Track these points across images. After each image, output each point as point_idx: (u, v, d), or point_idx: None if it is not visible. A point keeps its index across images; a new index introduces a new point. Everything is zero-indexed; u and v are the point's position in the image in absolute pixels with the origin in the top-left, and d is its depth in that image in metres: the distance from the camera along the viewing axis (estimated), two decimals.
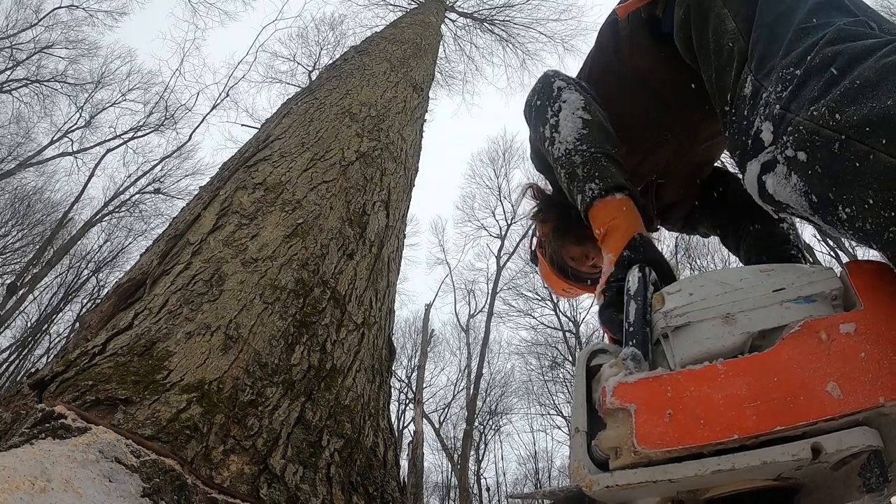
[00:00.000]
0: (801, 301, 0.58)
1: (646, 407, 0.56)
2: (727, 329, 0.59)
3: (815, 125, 0.59)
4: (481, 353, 15.71)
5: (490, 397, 19.42)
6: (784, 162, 0.64)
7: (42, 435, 0.77)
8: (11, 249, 14.85)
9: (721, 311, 0.61)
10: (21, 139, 15.11)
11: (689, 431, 0.52)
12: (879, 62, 0.57)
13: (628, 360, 0.63)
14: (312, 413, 1.15)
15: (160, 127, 16.33)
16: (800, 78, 0.64)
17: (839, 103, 0.58)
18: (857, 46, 0.61)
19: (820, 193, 0.60)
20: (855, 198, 0.55)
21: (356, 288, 1.61)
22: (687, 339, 0.61)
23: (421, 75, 3.80)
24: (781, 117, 0.65)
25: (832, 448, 0.49)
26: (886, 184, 0.52)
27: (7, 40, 14.13)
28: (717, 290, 0.63)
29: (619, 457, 0.57)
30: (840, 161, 0.56)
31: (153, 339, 1.09)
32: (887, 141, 0.52)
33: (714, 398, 0.53)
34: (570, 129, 1.00)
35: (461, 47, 12.00)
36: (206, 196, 1.75)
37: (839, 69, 0.60)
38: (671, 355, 0.62)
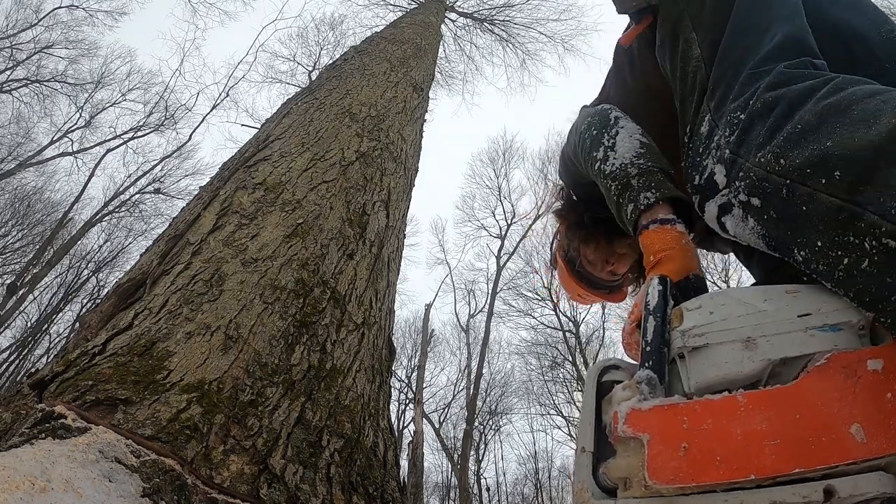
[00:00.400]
0: (827, 329, 0.55)
1: (660, 438, 0.53)
2: (747, 354, 0.56)
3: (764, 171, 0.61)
4: (481, 353, 15.71)
5: (490, 397, 19.43)
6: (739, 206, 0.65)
7: (42, 435, 0.77)
8: (11, 249, 14.85)
9: (742, 333, 0.57)
10: (21, 139, 15.11)
11: (703, 468, 0.50)
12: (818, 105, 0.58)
13: (643, 385, 0.59)
14: (312, 413, 1.15)
15: (160, 127, 16.34)
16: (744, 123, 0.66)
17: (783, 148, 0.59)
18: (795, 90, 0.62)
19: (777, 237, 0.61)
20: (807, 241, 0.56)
21: (356, 288, 1.61)
22: (704, 362, 0.58)
23: (421, 75, 3.80)
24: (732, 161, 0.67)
25: (846, 492, 0.46)
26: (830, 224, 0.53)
27: (7, 40, 14.13)
28: (740, 310, 0.59)
29: (629, 488, 0.54)
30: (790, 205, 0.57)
31: (153, 339, 1.09)
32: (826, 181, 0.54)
33: (732, 433, 0.50)
34: (628, 148, 0.99)
35: (461, 47, 12.00)
36: (206, 196, 1.75)
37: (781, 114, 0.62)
38: (686, 378, 0.59)
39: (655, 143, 1.06)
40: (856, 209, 0.51)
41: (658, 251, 0.84)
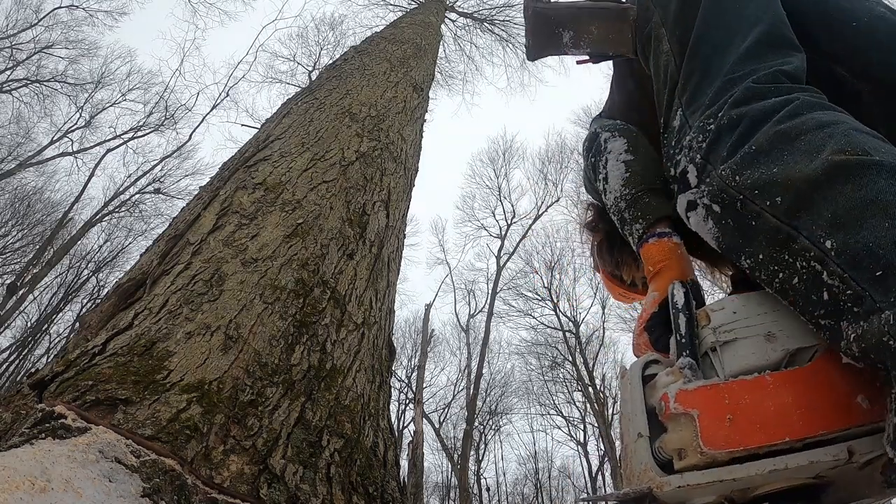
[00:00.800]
0: None
1: (708, 412, 0.62)
2: (770, 346, 0.66)
3: (724, 183, 0.68)
4: (481, 353, 15.72)
5: (490, 397, 19.43)
6: (703, 207, 0.72)
7: (42, 435, 0.77)
8: (11, 249, 14.85)
9: (764, 329, 0.68)
10: (21, 139, 15.11)
11: (748, 434, 0.59)
12: (772, 129, 0.64)
13: (686, 370, 0.68)
14: (312, 413, 1.15)
15: (160, 127, 16.35)
16: (713, 134, 0.72)
17: (740, 166, 0.66)
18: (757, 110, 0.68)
19: (728, 242, 0.69)
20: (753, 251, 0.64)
21: (356, 288, 1.61)
22: (735, 354, 0.67)
23: (421, 75, 3.81)
24: (702, 167, 0.73)
25: (863, 450, 0.57)
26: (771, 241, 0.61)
27: (7, 40, 14.14)
28: (759, 310, 0.69)
29: (684, 458, 0.62)
30: (742, 217, 0.65)
31: (153, 339, 1.09)
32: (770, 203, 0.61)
33: (766, 405, 0.60)
34: (616, 177, 1.04)
35: (461, 47, 12.00)
36: (206, 196, 1.75)
37: (743, 133, 0.69)
38: (720, 367, 0.68)
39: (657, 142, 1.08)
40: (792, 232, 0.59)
41: (657, 262, 0.91)
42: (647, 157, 1.06)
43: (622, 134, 1.10)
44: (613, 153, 1.07)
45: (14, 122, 14.76)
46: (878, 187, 0.53)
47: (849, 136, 0.58)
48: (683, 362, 0.69)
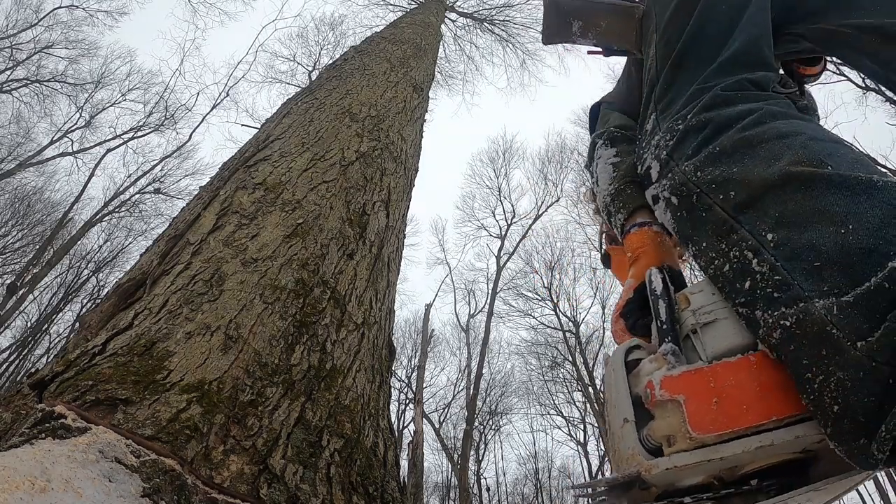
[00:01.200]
0: None
1: (694, 397, 0.62)
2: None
3: (685, 178, 0.73)
4: (481, 353, 15.71)
5: (490, 397, 19.43)
6: (663, 199, 0.78)
7: (42, 435, 0.77)
8: (11, 249, 14.85)
9: None
10: (21, 139, 15.11)
11: (735, 416, 0.60)
12: (736, 136, 0.69)
13: (669, 356, 0.68)
14: (312, 413, 1.15)
15: (160, 127, 16.34)
16: (681, 134, 0.78)
17: (702, 163, 0.71)
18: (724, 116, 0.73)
19: (680, 231, 0.74)
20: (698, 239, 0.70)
21: (356, 288, 1.61)
22: (715, 335, 0.68)
23: (421, 75, 3.80)
24: (666, 163, 0.79)
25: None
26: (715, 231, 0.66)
27: (7, 40, 14.13)
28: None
29: (674, 444, 0.63)
30: (695, 209, 0.70)
31: (153, 339, 1.09)
32: (723, 197, 0.66)
33: (751, 386, 0.61)
34: (604, 179, 1.10)
35: (461, 47, 12.00)
36: (206, 196, 1.75)
37: (708, 135, 0.73)
38: (702, 349, 0.68)
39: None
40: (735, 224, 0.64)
41: (635, 248, 0.95)
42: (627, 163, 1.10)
43: (613, 143, 1.16)
44: (603, 159, 1.13)
45: (14, 122, 14.77)
46: (827, 200, 0.57)
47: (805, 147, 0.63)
48: (666, 348, 0.69)
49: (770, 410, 0.59)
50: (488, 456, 19.89)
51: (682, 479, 0.64)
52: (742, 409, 0.60)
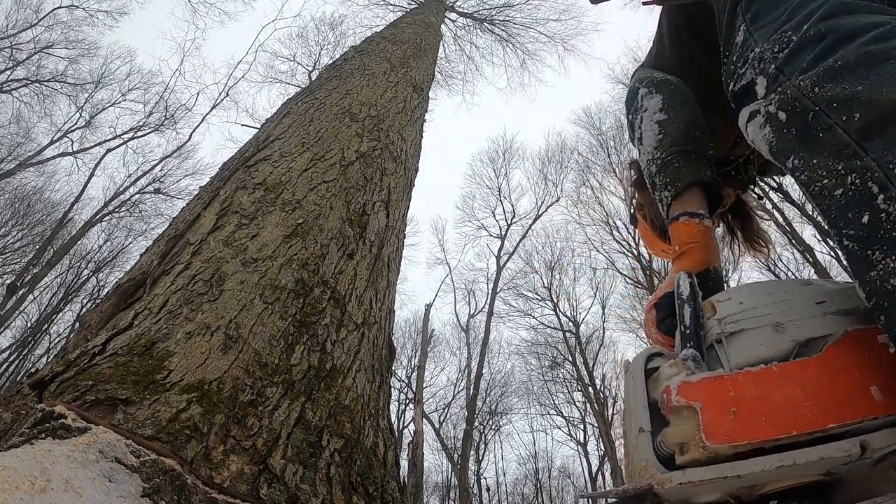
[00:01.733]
0: (841, 314, 0.64)
1: (711, 405, 0.59)
2: (778, 336, 0.64)
3: (800, 93, 0.66)
4: (481, 353, 15.72)
5: (490, 397, 19.43)
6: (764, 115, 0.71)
7: (42, 435, 0.77)
8: (11, 249, 14.85)
9: (771, 319, 0.66)
10: (21, 139, 15.11)
11: (752, 428, 0.56)
12: (860, 49, 0.63)
13: (689, 361, 0.66)
14: (312, 413, 1.15)
15: (160, 127, 16.34)
16: (795, 45, 0.70)
17: (821, 78, 0.64)
18: (845, 27, 0.66)
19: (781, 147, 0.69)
20: (807, 156, 0.64)
21: (356, 288, 1.61)
22: (741, 345, 0.66)
23: (421, 75, 3.80)
24: (775, 77, 0.71)
25: (877, 445, 0.55)
26: (833, 153, 0.61)
27: (7, 40, 14.13)
28: (765, 300, 0.68)
29: (686, 452, 0.60)
30: (810, 129, 0.65)
31: (153, 339, 1.09)
32: (846, 118, 0.60)
33: (773, 397, 0.58)
34: (649, 139, 1.04)
35: (461, 47, 12.00)
36: (206, 196, 1.75)
37: (827, 47, 0.66)
38: (726, 359, 0.66)
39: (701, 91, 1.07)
40: (859, 150, 0.58)
41: (684, 243, 0.92)
42: (683, 115, 1.05)
43: (659, 90, 1.09)
44: (649, 112, 1.07)
45: (14, 122, 14.77)
46: None
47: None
48: (687, 353, 0.67)
49: (791, 424, 0.56)
50: (488, 456, 19.90)
51: (697, 496, 0.61)
52: (761, 420, 0.57)
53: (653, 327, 0.90)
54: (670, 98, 1.07)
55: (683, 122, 1.03)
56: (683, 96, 1.08)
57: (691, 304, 0.74)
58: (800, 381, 0.58)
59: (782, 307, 0.66)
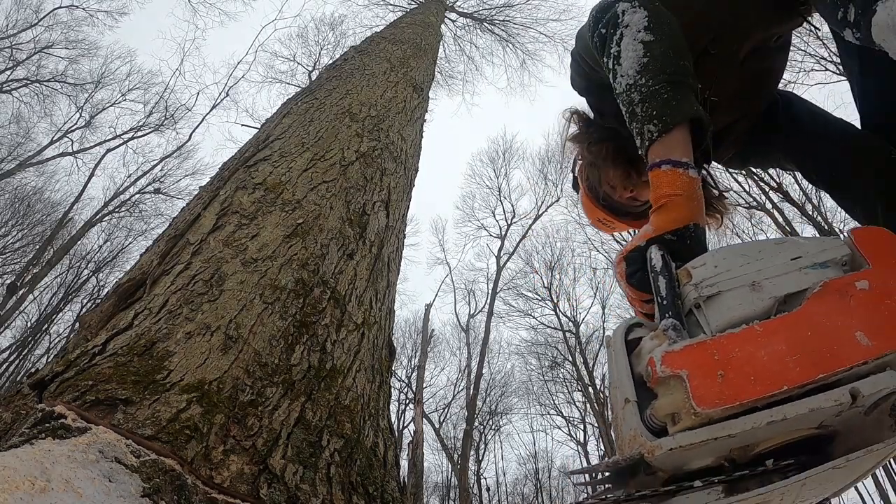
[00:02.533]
0: (817, 267, 0.64)
1: (697, 371, 0.58)
2: (756, 295, 0.64)
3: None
4: (481, 353, 15.72)
5: (490, 397, 19.43)
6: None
7: (42, 435, 0.77)
8: (11, 249, 14.85)
9: (747, 279, 0.65)
10: (21, 139, 15.12)
11: (743, 388, 0.56)
12: None
13: (669, 331, 0.65)
14: (312, 413, 1.15)
15: (160, 127, 16.35)
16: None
17: None
18: None
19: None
20: None
21: (356, 288, 1.61)
22: (720, 307, 0.65)
23: (421, 75, 3.80)
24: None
25: (867, 391, 0.54)
26: None
27: (7, 40, 14.14)
28: (740, 261, 0.67)
29: (678, 422, 0.59)
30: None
31: (153, 339, 1.09)
32: None
33: (758, 356, 0.57)
34: (631, 60, 0.90)
35: (461, 47, 12.00)
36: (206, 196, 1.75)
37: None
38: (706, 323, 0.65)
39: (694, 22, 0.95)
40: None
41: (665, 195, 0.81)
42: (671, 38, 0.92)
43: (643, 5, 0.95)
44: (631, 28, 0.93)
45: (14, 122, 14.78)
46: None
47: None
48: (667, 323, 0.66)
49: (780, 380, 0.55)
50: (488, 456, 19.90)
51: (690, 462, 0.59)
52: (749, 380, 0.56)
53: (622, 280, 0.84)
54: (656, 16, 0.93)
55: (673, 47, 0.91)
56: (671, 18, 0.95)
57: (665, 274, 0.72)
58: (783, 337, 0.58)
59: (758, 266, 0.66)
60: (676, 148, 0.83)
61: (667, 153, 0.83)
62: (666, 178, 0.82)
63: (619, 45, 0.93)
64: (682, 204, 0.80)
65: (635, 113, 0.88)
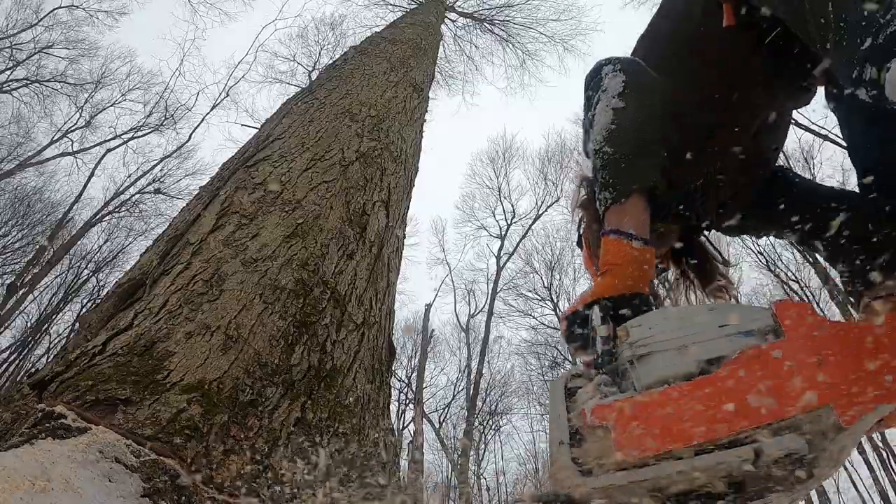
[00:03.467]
0: (741, 335, 0.70)
1: (621, 423, 0.67)
2: (682, 358, 0.70)
3: None
4: (481, 353, 15.71)
5: (490, 397, 19.42)
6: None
7: (42, 435, 0.77)
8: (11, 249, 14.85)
9: (677, 343, 0.72)
10: (21, 139, 15.11)
11: (661, 440, 0.64)
12: None
13: (602, 386, 0.75)
14: (312, 413, 1.15)
15: (160, 127, 16.34)
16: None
17: None
18: None
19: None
20: None
21: (356, 288, 1.61)
22: (650, 367, 0.72)
23: (421, 75, 3.80)
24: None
25: (769, 450, 0.61)
26: None
27: (7, 40, 14.14)
28: (674, 325, 0.74)
29: (602, 465, 0.66)
30: None
31: (153, 339, 1.09)
32: None
33: (676, 413, 0.65)
34: (600, 126, 0.93)
35: (461, 47, 12.00)
36: (206, 196, 1.75)
37: None
38: (637, 379, 0.73)
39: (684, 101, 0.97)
40: None
41: (608, 263, 0.87)
42: (642, 106, 0.94)
43: (625, 70, 0.97)
44: (608, 93, 0.95)
45: (14, 122, 14.77)
46: None
47: None
48: (600, 379, 0.76)
49: (694, 436, 0.63)
50: (488, 456, 19.90)
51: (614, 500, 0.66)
52: (665, 433, 0.64)
53: (565, 337, 0.92)
54: (633, 82, 0.95)
55: (642, 116, 0.93)
56: (651, 84, 0.97)
57: (603, 335, 0.80)
58: (698, 397, 0.65)
59: (688, 331, 0.72)
60: (626, 218, 0.87)
61: (617, 222, 0.88)
62: (611, 246, 0.87)
63: (594, 110, 0.97)
64: (621, 273, 0.85)
65: (597, 178, 0.92)
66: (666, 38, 1.08)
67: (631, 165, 0.89)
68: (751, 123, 1.06)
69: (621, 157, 0.90)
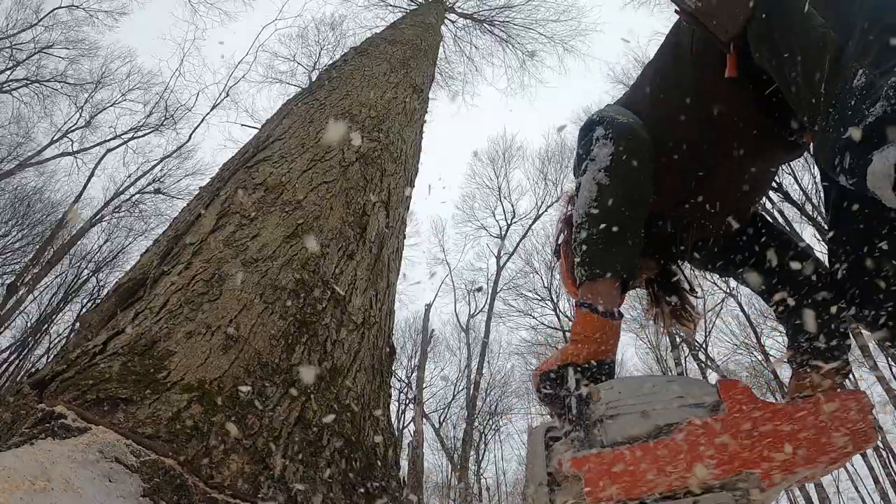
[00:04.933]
0: (693, 406, 0.84)
1: (591, 474, 0.79)
2: (644, 421, 0.83)
3: None
4: (481, 353, 15.71)
5: (490, 397, 19.41)
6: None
7: (42, 435, 0.77)
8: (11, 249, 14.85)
9: (640, 408, 0.85)
10: (21, 139, 15.11)
11: (623, 489, 0.77)
12: None
13: (576, 441, 0.87)
14: (312, 413, 1.15)
15: (160, 127, 16.33)
16: None
17: None
18: None
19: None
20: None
21: (356, 288, 1.61)
22: (617, 426, 0.85)
23: (421, 76, 3.81)
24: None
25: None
26: None
27: (7, 40, 14.14)
28: (640, 391, 0.86)
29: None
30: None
31: (154, 338, 1.09)
32: None
33: (636, 469, 0.78)
34: (584, 200, 1.00)
35: (461, 48, 12.00)
36: (207, 196, 1.75)
37: None
38: (605, 435, 0.85)
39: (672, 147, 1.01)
40: None
41: (577, 332, 0.97)
42: (626, 184, 0.99)
43: (615, 140, 1.01)
44: (595, 163, 1.01)
45: (14, 122, 14.77)
46: None
47: None
48: (574, 435, 0.88)
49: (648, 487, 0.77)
50: (488, 456, 19.89)
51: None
52: (626, 485, 0.77)
53: (537, 394, 1.00)
54: (620, 156, 0.99)
55: (624, 196, 0.98)
56: (637, 153, 1.01)
57: (577, 395, 0.91)
58: (651, 457, 0.78)
59: (650, 398, 0.85)
60: (597, 294, 0.96)
61: (589, 297, 0.97)
62: (582, 318, 0.96)
63: (581, 177, 1.03)
64: (589, 344, 0.95)
65: (576, 251, 1.00)
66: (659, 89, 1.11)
67: (606, 253, 0.97)
68: (740, 174, 1.10)
69: (599, 239, 0.97)
